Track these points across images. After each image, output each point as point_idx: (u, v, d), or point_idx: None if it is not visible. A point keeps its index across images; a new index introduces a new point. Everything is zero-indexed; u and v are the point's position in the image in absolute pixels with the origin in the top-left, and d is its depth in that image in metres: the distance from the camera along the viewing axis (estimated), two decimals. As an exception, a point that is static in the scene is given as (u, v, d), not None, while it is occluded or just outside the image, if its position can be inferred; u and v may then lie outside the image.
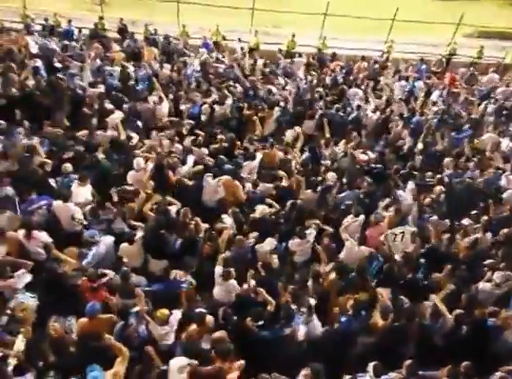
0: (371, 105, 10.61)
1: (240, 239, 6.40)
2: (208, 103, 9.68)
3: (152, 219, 6.59)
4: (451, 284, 5.93)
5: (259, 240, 6.53)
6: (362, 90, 11.46)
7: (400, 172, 8.37)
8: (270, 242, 6.48)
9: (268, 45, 14.09)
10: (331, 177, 7.96)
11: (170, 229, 6.48)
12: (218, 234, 6.45)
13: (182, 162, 7.85)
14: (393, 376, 4.78)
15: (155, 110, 9.43)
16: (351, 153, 8.60)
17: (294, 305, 5.50)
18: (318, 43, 14.13)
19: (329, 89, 11.52)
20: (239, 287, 5.88)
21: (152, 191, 7.20)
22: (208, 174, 7.48)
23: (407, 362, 4.79)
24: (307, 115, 9.87)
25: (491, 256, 6.78)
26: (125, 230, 6.64)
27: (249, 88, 10.73)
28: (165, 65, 11.44)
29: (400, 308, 5.60)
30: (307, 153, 8.80)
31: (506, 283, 6.15)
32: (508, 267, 6.35)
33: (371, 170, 8.45)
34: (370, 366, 4.77)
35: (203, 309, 5.44)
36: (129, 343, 5.06)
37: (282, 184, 7.70)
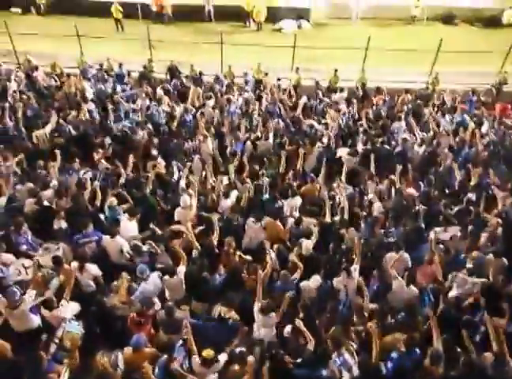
0: (417, 138, 10.41)
1: (285, 274, 6.35)
2: (250, 140, 9.85)
3: (194, 259, 6.67)
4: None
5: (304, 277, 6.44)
6: (406, 123, 11.31)
7: (453, 207, 8.06)
8: (316, 280, 6.38)
9: (309, 81, 14.27)
10: (377, 208, 7.82)
11: (213, 266, 6.52)
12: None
13: (226, 196, 7.96)
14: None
15: (200, 148, 9.69)
16: (397, 188, 8.42)
17: (334, 345, 5.31)
18: (359, 77, 14.18)
19: (372, 123, 11.44)
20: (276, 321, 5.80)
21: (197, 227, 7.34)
22: (250, 218, 7.48)
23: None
24: (350, 150, 9.83)
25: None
26: (169, 264, 6.78)
27: (291, 123, 10.85)
28: (209, 103, 11.83)
29: (456, 358, 5.18)
30: (351, 188, 8.71)
31: None
32: None
33: (419, 205, 8.21)
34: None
35: (243, 346, 5.36)
36: (172, 377, 5.04)
37: (325, 220, 7.61)
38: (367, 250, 7.17)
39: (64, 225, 7.22)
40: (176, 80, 13.53)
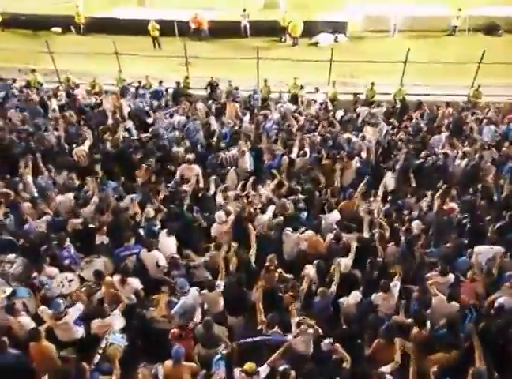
0: (459, 152, 10.12)
1: (323, 290, 6.29)
2: (287, 155, 9.87)
3: (233, 275, 6.71)
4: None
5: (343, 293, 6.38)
6: (447, 137, 11.05)
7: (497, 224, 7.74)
8: (355, 296, 6.30)
9: (346, 95, 14.19)
10: (416, 226, 7.66)
11: (250, 281, 6.54)
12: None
13: (262, 212, 7.98)
14: None
15: (237, 162, 9.81)
16: (438, 204, 8.20)
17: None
18: (397, 90, 13.99)
19: (411, 137, 11.25)
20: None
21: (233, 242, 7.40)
22: (287, 228, 7.53)
23: None
24: (389, 165, 9.67)
25: None
26: (208, 278, 6.85)
27: (328, 138, 10.80)
28: (246, 118, 11.97)
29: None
30: (390, 204, 8.55)
31: None
32: None
33: (461, 221, 7.98)
34: None
35: (285, 363, 5.32)
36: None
37: (364, 235, 7.51)
38: (407, 268, 7.00)
39: (106, 240, 7.43)
40: (214, 96, 13.73)
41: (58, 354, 5.68)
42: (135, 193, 8.61)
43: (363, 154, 10.10)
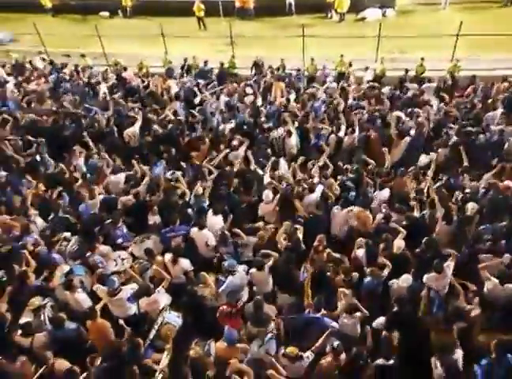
0: (515, 128, 9.60)
1: (374, 270, 6.23)
2: (335, 133, 9.70)
3: (282, 253, 6.71)
4: None
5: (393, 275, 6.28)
6: (502, 113, 10.49)
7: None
8: (406, 279, 6.19)
9: (395, 71, 13.72)
10: (471, 207, 7.38)
11: (300, 261, 6.55)
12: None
13: (311, 191, 7.92)
14: None
15: (284, 142, 9.74)
16: (493, 182, 7.85)
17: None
18: (450, 66, 13.36)
19: (464, 114, 10.78)
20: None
21: (281, 222, 7.38)
22: (336, 206, 7.49)
23: None
24: (441, 142, 9.33)
25: None
26: (252, 259, 6.91)
27: (376, 116, 10.51)
28: (292, 97, 11.79)
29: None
30: (441, 182, 8.27)
31: None
32: None
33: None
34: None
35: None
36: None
37: (414, 214, 7.33)
38: (459, 248, 6.80)
39: (158, 220, 7.61)
40: (260, 75, 13.64)
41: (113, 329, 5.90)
42: (184, 173, 8.75)
43: (413, 132, 9.78)
